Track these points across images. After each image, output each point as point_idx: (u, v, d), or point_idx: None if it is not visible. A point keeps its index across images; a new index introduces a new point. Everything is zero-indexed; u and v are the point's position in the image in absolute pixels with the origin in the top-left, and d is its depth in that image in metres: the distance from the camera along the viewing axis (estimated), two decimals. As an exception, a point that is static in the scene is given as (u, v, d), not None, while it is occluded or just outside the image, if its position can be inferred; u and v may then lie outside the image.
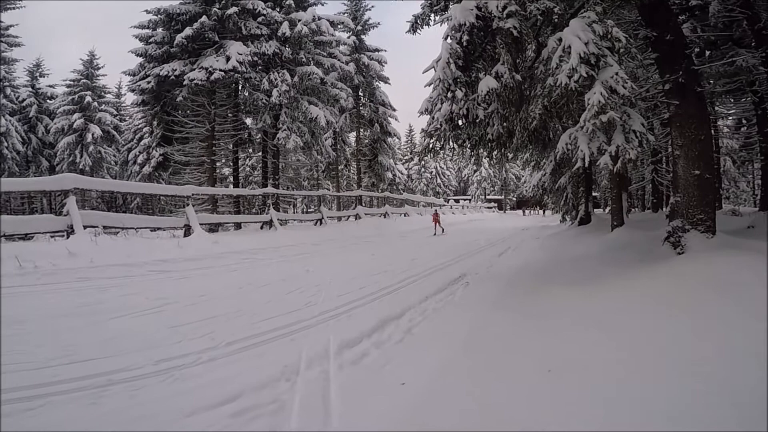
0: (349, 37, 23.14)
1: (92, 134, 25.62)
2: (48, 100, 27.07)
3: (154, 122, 18.30)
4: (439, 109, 5.25)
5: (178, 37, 14.69)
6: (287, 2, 15.60)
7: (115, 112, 29.85)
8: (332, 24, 18.01)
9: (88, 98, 26.01)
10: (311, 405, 2.33)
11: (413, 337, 3.50)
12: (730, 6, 6.62)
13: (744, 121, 14.68)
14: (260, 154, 18.30)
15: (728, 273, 3.43)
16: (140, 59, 16.36)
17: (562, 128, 5.83)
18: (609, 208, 14.77)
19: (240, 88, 16.61)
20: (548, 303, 4.02)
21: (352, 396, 2.42)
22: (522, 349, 2.95)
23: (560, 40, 4.08)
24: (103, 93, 29.22)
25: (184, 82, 14.40)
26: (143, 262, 6.92)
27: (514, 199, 51.79)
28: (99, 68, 28.17)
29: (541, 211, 38.75)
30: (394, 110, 25.55)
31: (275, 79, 14.89)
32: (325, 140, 18.88)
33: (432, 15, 6.42)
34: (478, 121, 5.28)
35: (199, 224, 10.42)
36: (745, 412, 1.91)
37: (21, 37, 23.82)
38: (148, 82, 15.51)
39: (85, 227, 7.99)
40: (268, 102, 15.11)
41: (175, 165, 16.86)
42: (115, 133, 28.26)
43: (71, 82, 27.08)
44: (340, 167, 25.72)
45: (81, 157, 25.49)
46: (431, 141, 5.55)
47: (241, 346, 3.25)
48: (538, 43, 5.09)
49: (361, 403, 2.35)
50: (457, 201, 40.84)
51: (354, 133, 25.81)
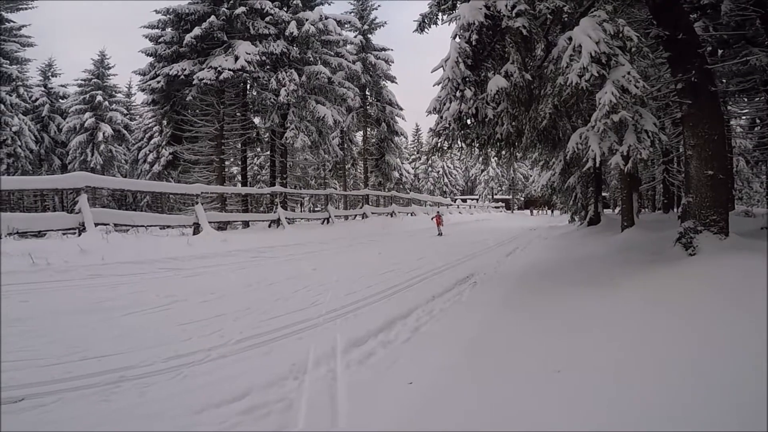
0: (355, 37, 23.15)
1: (103, 133, 25.94)
2: (60, 100, 27.45)
3: (164, 121, 18.53)
4: (447, 109, 5.23)
5: (187, 37, 14.84)
6: (294, 2, 15.68)
7: (125, 112, 30.20)
8: (339, 23, 18.05)
9: (99, 97, 26.35)
10: (319, 404, 2.34)
11: (420, 336, 3.50)
12: (743, 4, 6.52)
13: (758, 121, 14.39)
14: (268, 153, 18.42)
15: (740, 275, 3.37)
16: (150, 59, 16.55)
17: (572, 128, 5.78)
18: (619, 208, 14.62)
19: (248, 87, 16.74)
20: (557, 304, 3.99)
21: (359, 395, 2.43)
22: (529, 350, 2.94)
23: (570, 39, 4.05)
24: (113, 92, 29.58)
25: (194, 82, 14.55)
26: (153, 259, 6.99)
27: (522, 198, 51.47)
28: (110, 68, 28.52)
29: (549, 211, 38.51)
30: (401, 109, 25.53)
31: (283, 79, 14.96)
32: (333, 139, 18.93)
33: (440, 14, 6.38)
34: (487, 121, 5.25)
35: (208, 222, 10.50)
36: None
37: (33, 37, 24.21)
38: (158, 82, 15.69)
39: (96, 225, 8.09)
40: (276, 101, 15.19)
41: (185, 164, 17.04)
42: (125, 132, 28.61)
43: (82, 82, 27.45)
44: (347, 166, 25.75)
45: (92, 155, 25.82)
46: (439, 140, 5.53)
47: (250, 343, 3.28)
48: (548, 42, 5.05)
49: (369, 403, 2.35)
50: (464, 200, 40.62)
51: (361, 132, 25.83)
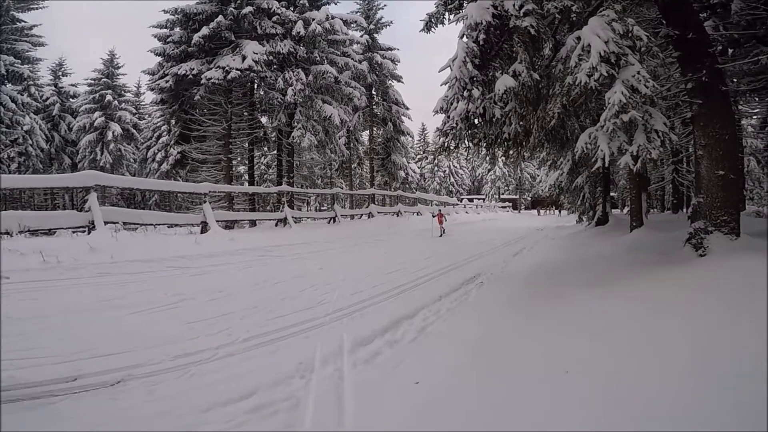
0: (362, 36, 23.13)
1: (113, 132, 26.19)
2: (70, 99, 27.75)
3: (172, 121, 18.69)
4: (454, 108, 5.22)
5: (195, 37, 14.94)
6: (301, 1, 15.70)
7: (134, 111, 30.45)
8: (345, 23, 18.03)
9: (108, 97, 26.61)
10: (325, 403, 2.35)
11: (427, 336, 3.50)
12: (754, 3, 6.41)
13: (769, 120, 14.19)
14: (275, 152, 18.50)
15: (750, 276, 3.32)
16: (159, 58, 16.68)
17: (580, 127, 5.74)
18: (627, 208, 14.48)
19: (256, 87, 16.80)
20: (564, 305, 3.96)
21: (366, 394, 2.43)
22: (535, 351, 2.92)
23: (579, 38, 4.01)
24: (123, 92, 29.85)
25: (202, 81, 14.64)
26: (161, 258, 7.05)
27: (529, 198, 51.15)
28: (119, 67, 28.79)
29: (556, 211, 38.23)
30: (407, 109, 25.46)
31: (290, 78, 15.00)
32: (339, 139, 18.93)
33: (446, 14, 6.37)
34: (494, 120, 5.23)
35: (216, 221, 10.58)
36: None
37: (44, 36, 24.51)
38: (167, 81, 15.80)
39: (105, 223, 8.19)
40: (283, 101, 15.24)
41: (193, 163, 17.16)
42: (134, 131, 28.86)
43: (92, 81, 27.73)
44: (353, 166, 25.76)
45: (102, 154, 26.08)
46: (446, 140, 5.52)
47: (257, 342, 3.30)
48: (556, 42, 5.01)
49: (375, 402, 2.36)
50: (470, 200, 40.52)
51: (367, 132, 25.79)
